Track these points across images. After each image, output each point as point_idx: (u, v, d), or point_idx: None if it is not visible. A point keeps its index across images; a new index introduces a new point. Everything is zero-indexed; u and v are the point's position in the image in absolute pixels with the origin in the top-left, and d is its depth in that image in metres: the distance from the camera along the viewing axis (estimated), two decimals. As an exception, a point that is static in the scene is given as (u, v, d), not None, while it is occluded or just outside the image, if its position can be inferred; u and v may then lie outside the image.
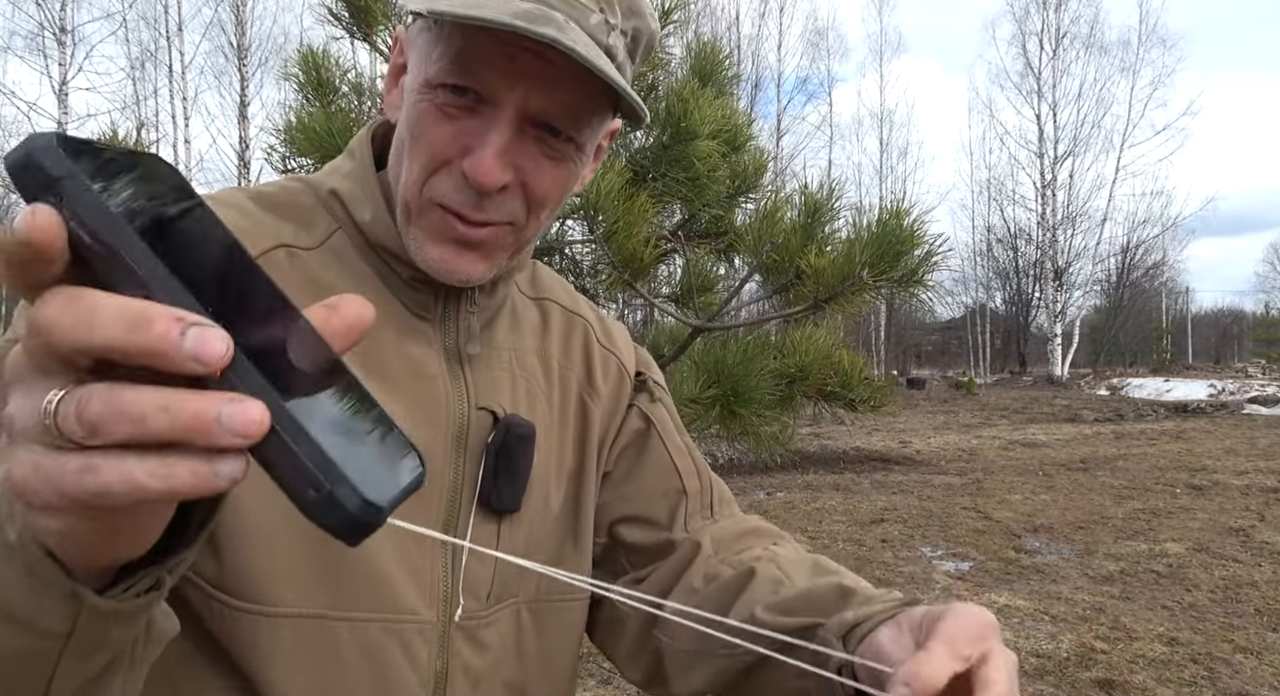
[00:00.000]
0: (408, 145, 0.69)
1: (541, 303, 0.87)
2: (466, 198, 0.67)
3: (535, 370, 0.82)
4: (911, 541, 7.03)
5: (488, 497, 0.74)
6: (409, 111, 0.68)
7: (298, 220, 0.73)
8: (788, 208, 1.78)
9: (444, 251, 0.70)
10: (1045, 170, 31.70)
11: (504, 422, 0.74)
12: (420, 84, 0.67)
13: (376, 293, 0.72)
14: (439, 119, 0.66)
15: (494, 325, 0.80)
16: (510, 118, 0.65)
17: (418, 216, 0.70)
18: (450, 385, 0.74)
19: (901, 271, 1.60)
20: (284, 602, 0.64)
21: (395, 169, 0.71)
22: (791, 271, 1.71)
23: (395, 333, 0.73)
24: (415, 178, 0.68)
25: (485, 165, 0.65)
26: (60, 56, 16.65)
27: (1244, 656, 4.38)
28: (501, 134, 0.65)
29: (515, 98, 0.65)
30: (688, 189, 1.86)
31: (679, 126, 1.76)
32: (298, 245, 0.71)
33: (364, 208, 0.73)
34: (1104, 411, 18.47)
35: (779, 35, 30.14)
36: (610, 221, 1.59)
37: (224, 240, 0.38)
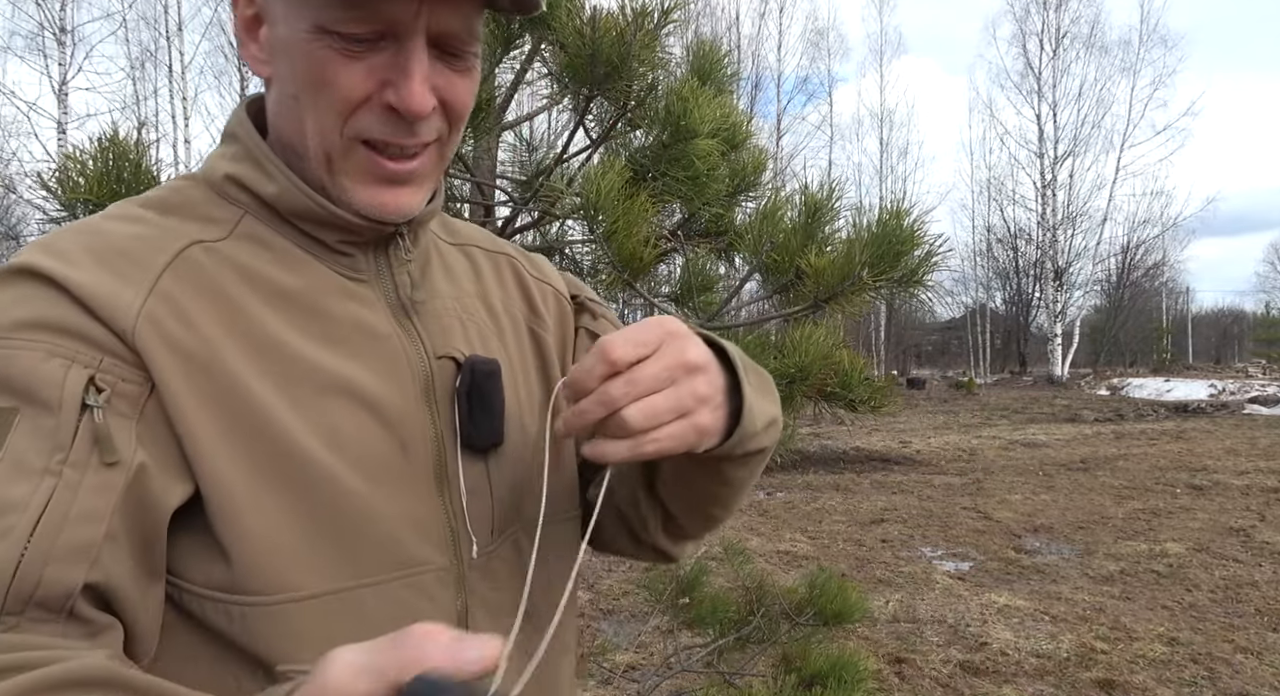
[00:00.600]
0: (309, 95, 0.67)
1: (464, 248, 0.88)
2: (395, 128, 0.68)
3: (480, 313, 0.82)
4: (911, 541, 7.03)
5: (470, 438, 0.74)
6: (302, 61, 0.66)
7: (199, 217, 0.71)
8: (788, 207, 1.78)
9: (374, 192, 0.70)
10: (1045, 170, 31.71)
11: (468, 364, 0.75)
12: (308, 31, 0.65)
13: (305, 265, 0.71)
14: (345, 61, 0.65)
15: (429, 275, 0.80)
16: (421, 44, 0.66)
17: (341, 160, 0.69)
18: (405, 341, 0.74)
19: (902, 272, 1.59)
20: (305, 586, 0.64)
21: (293, 126, 0.69)
22: (791, 271, 1.71)
23: (339, 300, 0.72)
24: (331, 123, 0.67)
25: (416, 94, 0.65)
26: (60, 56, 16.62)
27: (1244, 656, 4.38)
28: (421, 61, 0.66)
29: (420, 24, 0.65)
30: (687, 188, 1.86)
31: (678, 125, 1.76)
32: (208, 239, 0.69)
33: (266, 182, 0.71)
34: (1104, 411, 18.47)
35: (779, 35, 30.15)
36: (610, 221, 1.58)
37: None
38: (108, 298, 0.61)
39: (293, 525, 0.64)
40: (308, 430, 0.65)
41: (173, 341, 0.62)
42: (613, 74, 1.76)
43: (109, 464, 0.58)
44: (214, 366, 0.63)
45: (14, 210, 18.18)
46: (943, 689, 4.04)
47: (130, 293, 0.63)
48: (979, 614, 5.06)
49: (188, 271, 0.66)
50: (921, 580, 5.78)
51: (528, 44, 1.95)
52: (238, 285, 0.67)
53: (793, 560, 6.35)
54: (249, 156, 0.72)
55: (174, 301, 0.64)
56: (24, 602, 0.54)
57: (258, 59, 0.71)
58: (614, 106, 1.89)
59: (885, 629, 4.83)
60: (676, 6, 1.76)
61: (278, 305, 0.69)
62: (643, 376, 0.62)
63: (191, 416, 0.62)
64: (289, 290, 0.70)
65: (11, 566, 0.53)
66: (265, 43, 0.69)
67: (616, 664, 4.17)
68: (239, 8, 0.71)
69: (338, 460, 0.66)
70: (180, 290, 0.65)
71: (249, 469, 0.62)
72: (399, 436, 0.70)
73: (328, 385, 0.67)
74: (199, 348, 0.63)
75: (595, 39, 1.69)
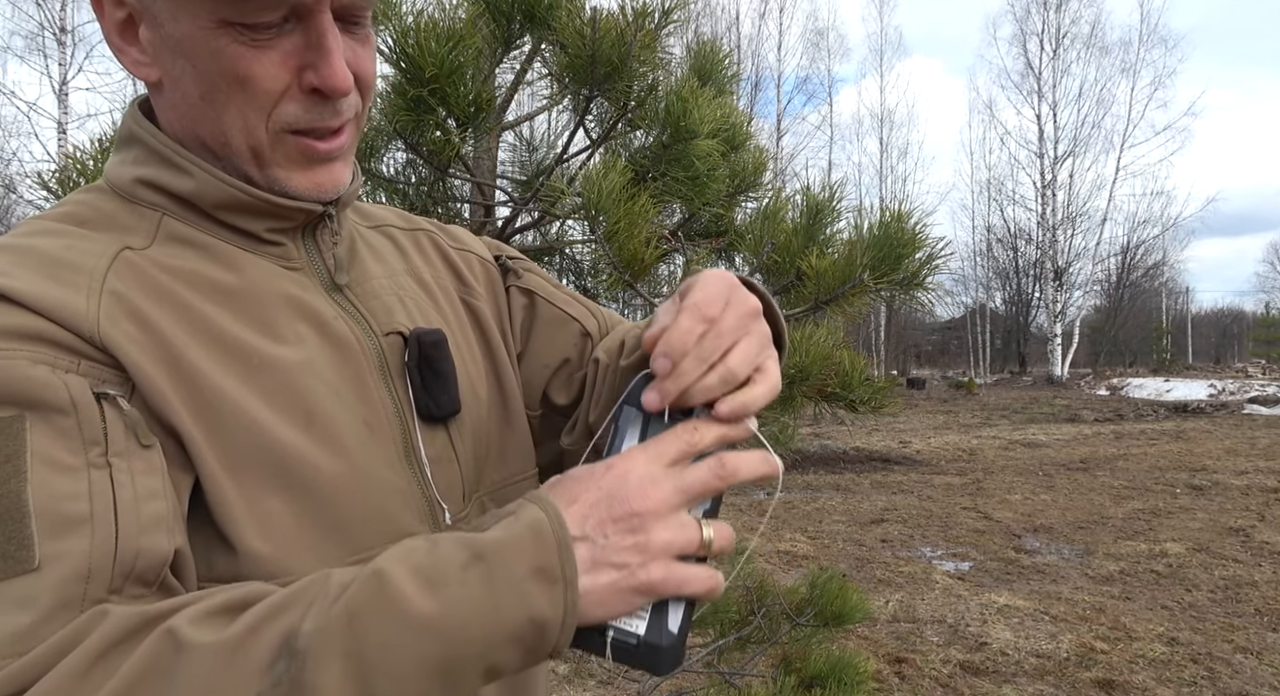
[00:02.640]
0: (224, 93, 0.65)
1: (382, 229, 0.88)
2: (320, 111, 0.67)
3: (414, 289, 0.83)
4: (911, 541, 7.03)
5: (428, 410, 0.75)
6: (209, 59, 0.64)
7: (118, 227, 0.68)
8: (788, 208, 1.78)
9: (311, 176, 0.70)
10: (1045, 170, 31.70)
11: (413, 336, 0.76)
12: (209, 26, 0.62)
13: (237, 259, 0.71)
14: (256, 53, 0.63)
15: (358, 258, 0.80)
16: (330, 20, 0.65)
17: (272, 152, 0.68)
18: (350, 322, 0.74)
19: (903, 274, 1.59)
20: (306, 568, 0.64)
21: (206, 126, 0.67)
22: (792, 273, 1.71)
23: (278, 290, 0.71)
24: (255, 119, 0.66)
25: (339, 73, 0.65)
26: (60, 56, 16.63)
27: (1244, 656, 4.38)
28: (336, 38, 0.66)
29: (323, 2, 0.64)
30: (688, 188, 1.86)
31: (679, 126, 1.76)
32: (135, 247, 0.67)
33: (182, 178, 0.69)
34: (1104, 411, 18.47)
35: (779, 35, 30.14)
36: (611, 222, 1.58)
37: None
38: (61, 305, 0.60)
39: (283, 511, 0.64)
40: (279, 418, 0.65)
41: (136, 340, 0.62)
42: (613, 74, 1.76)
43: (146, 446, 0.59)
44: (179, 363, 0.63)
45: (14, 210, 18.19)
46: (943, 689, 4.04)
47: (80, 298, 0.61)
48: (979, 614, 5.06)
49: (129, 273, 0.65)
50: (921, 580, 5.78)
51: (528, 44, 1.95)
52: (180, 287, 0.67)
53: (793, 560, 6.35)
54: (155, 156, 0.70)
55: (126, 301, 0.63)
56: (125, 578, 0.55)
57: (140, 63, 0.68)
58: (614, 107, 1.89)
59: (885, 629, 4.83)
60: (676, 6, 1.76)
61: (220, 302, 0.68)
62: (727, 328, 0.63)
63: (178, 409, 0.62)
64: (227, 287, 0.69)
65: (111, 543, 0.54)
66: (148, 44, 0.67)
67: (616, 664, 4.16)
68: (105, 11, 0.67)
69: (313, 443, 0.66)
70: (128, 290, 0.63)
71: (231, 461, 0.63)
72: (362, 415, 0.71)
73: (287, 374, 0.68)
74: (160, 345, 0.63)
75: (595, 39, 1.69)
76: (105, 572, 0.54)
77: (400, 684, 0.52)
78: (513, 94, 2.06)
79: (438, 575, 0.53)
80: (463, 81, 1.72)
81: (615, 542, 0.57)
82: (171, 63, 0.66)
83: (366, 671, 0.51)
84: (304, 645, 0.51)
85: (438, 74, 1.67)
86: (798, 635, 2.43)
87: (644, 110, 1.88)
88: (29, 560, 0.52)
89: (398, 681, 0.52)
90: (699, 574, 0.59)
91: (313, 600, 0.53)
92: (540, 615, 0.54)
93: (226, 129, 0.66)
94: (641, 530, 0.57)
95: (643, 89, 1.84)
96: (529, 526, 0.56)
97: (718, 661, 2.49)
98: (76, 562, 0.53)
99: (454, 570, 0.54)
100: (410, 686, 0.52)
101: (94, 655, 0.50)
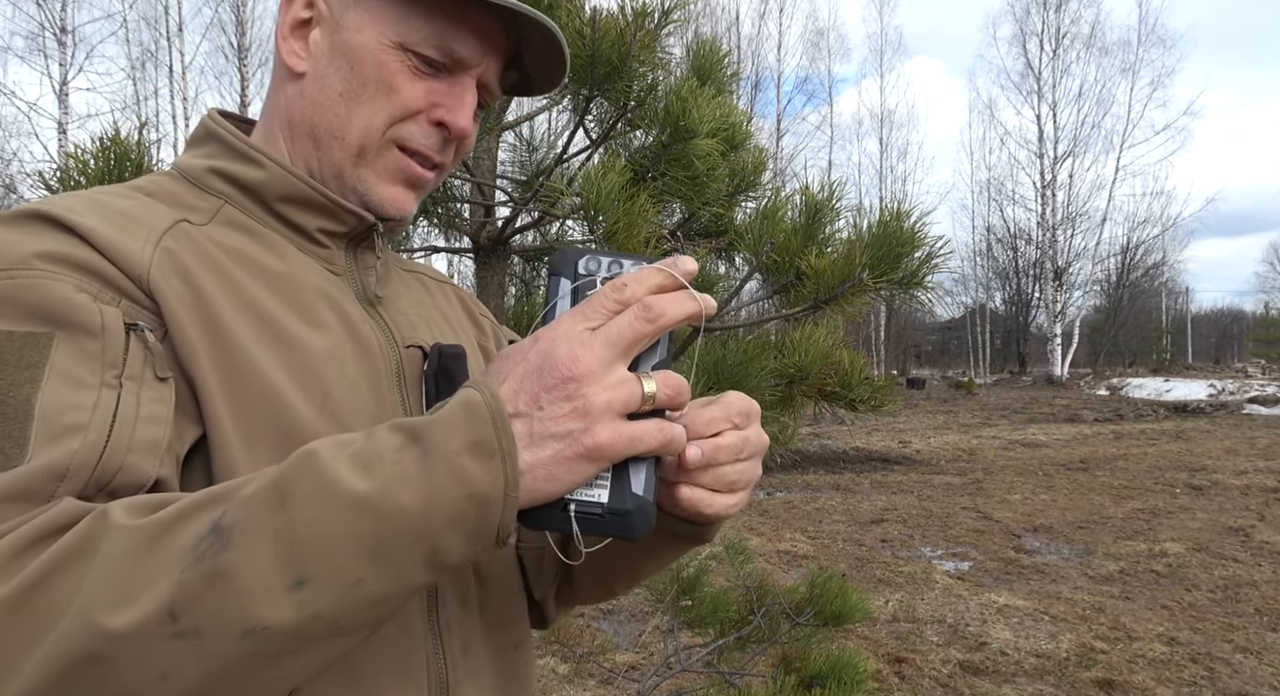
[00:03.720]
0: (368, 94, 0.74)
1: (415, 275, 0.94)
2: (433, 142, 0.77)
3: (439, 320, 0.88)
4: (911, 541, 7.03)
5: None
6: (373, 67, 0.74)
7: (179, 204, 0.73)
8: (788, 208, 1.78)
9: (394, 190, 0.78)
10: (1045, 170, 31.71)
11: (435, 348, 0.79)
12: (390, 44, 0.74)
13: (285, 251, 0.75)
14: (411, 77, 0.75)
15: (390, 283, 0.86)
16: (473, 84, 0.78)
17: (375, 157, 0.76)
18: (375, 328, 0.78)
19: (902, 273, 1.59)
20: None
21: (327, 117, 0.75)
22: (792, 272, 1.71)
23: (318, 285, 0.75)
24: (379, 123, 0.75)
25: (465, 119, 0.77)
26: (60, 56, 16.63)
27: (1244, 656, 4.38)
28: (474, 95, 0.78)
29: (479, 70, 0.77)
30: (687, 188, 1.86)
31: (678, 125, 1.76)
32: (192, 221, 0.72)
33: (253, 169, 0.76)
34: (1104, 411, 18.46)
35: (779, 35, 30.13)
36: (611, 222, 1.58)
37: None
38: (120, 246, 0.64)
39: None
40: (299, 392, 0.67)
41: (179, 292, 0.65)
42: (613, 74, 1.76)
43: (161, 378, 0.61)
44: (215, 321, 0.65)
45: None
46: (943, 689, 4.04)
47: (138, 245, 0.65)
48: (979, 613, 5.06)
49: (184, 239, 0.69)
50: (921, 580, 5.78)
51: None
52: (226, 260, 0.71)
53: (793, 560, 6.35)
54: (231, 151, 0.77)
55: (177, 258, 0.67)
56: (100, 488, 0.55)
57: (297, 55, 0.77)
58: (614, 107, 1.89)
59: (885, 629, 4.83)
60: (676, 6, 1.76)
61: (262, 282, 0.71)
62: (753, 436, 0.69)
63: (203, 363, 0.64)
64: (271, 269, 0.73)
65: (98, 451, 0.55)
66: (314, 44, 0.76)
67: (617, 664, 4.17)
68: (292, 9, 0.78)
69: (325, 422, 0.67)
70: (180, 249, 0.68)
71: (243, 420, 0.64)
72: (374, 413, 0.72)
73: (313, 356, 0.70)
74: (200, 303, 0.66)
75: (595, 39, 1.69)
76: (81, 476, 0.54)
77: (334, 565, 0.50)
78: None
79: (372, 457, 0.52)
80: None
81: (552, 412, 0.55)
82: (328, 62, 0.76)
83: (297, 551, 0.49)
84: (230, 521, 0.50)
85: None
86: (798, 635, 2.43)
87: (644, 110, 1.88)
88: (20, 458, 0.53)
89: (331, 563, 0.50)
90: (648, 428, 0.57)
91: (244, 486, 0.53)
92: (479, 490, 0.52)
93: (350, 124, 0.75)
94: (578, 395, 0.55)
95: (642, 89, 1.84)
96: (462, 403, 0.55)
97: (718, 661, 2.49)
98: (57, 460, 0.53)
99: (389, 452, 0.53)
100: (346, 569, 0.50)
101: (33, 537, 0.50)
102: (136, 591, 0.48)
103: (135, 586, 0.48)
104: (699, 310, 0.58)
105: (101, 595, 0.48)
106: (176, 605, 0.48)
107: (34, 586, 0.48)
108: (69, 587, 0.48)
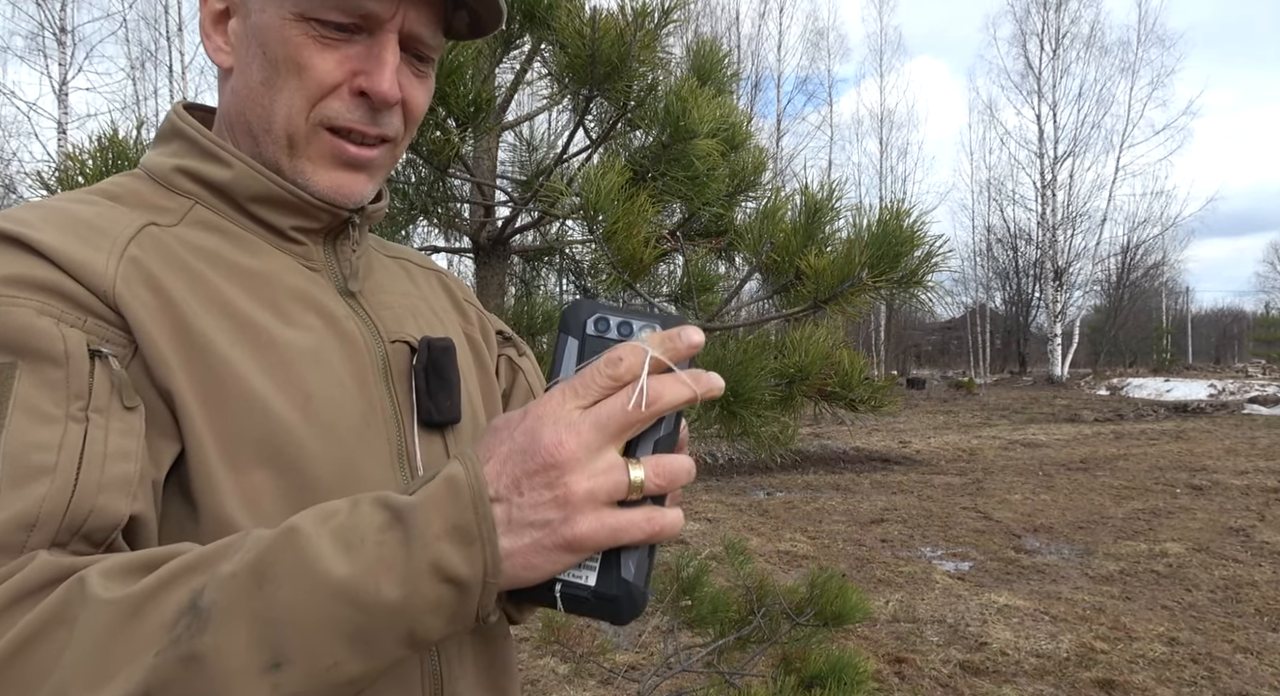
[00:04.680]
0: (281, 77, 0.70)
1: (398, 260, 0.91)
2: (361, 115, 0.72)
3: (425, 310, 0.85)
4: (911, 541, 7.03)
5: (428, 415, 0.75)
6: (279, 45, 0.69)
7: (147, 206, 0.71)
8: (788, 207, 1.78)
9: (334, 176, 0.73)
10: (1045, 170, 31.70)
11: (424, 341, 0.77)
12: (289, 16, 0.69)
13: (259, 249, 0.73)
14: (320, 48, 0.69)
15: (373, 273, 0.83)
16: (394, 39, 0.71)
17: (305, 145, 0.72)
18: (359, 324, 0.76)
19: (902, 272, 1.59)
20: None
21: (256, 110, 0.72)
22: (791, 272, 1.70)
23: (295, 283, 0.73)
24: (299, 106, 0.70)
25: (388, 81, 0.70)
26: (60, 56, 16.61)
27: (1244, 656, 4.38)
28: (394, 54, 0.71)
29: (395, 23, 0.70)
30: (687, 188, 1.86)
31: (678, 125, 1.76)
32: (161, 223, 0.70)
33: (221, 169, 0.73)
34: (1104, 411, 18.46)
35: (779, 35, 30.13)
36: (610, 222, 1.58)
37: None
38: (82, 261, 0.62)
39: (268, 485, 0.64)
40: (279, 394, 0.66)
41: (148, 304, 0.63)
42: (613, 74, 1.76)
43: (129, 408, 0.59)
44: (188, 328, 0.64)
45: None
46: (943, 689, 4.04)
47: (102, 257, 0.63)
48: (979, 614, 5.06)
49: (151, 244, 0.67)
50: (921, 580, 5.78)
51: (527, 44, 1.95)
52: (199, 263, 0.69)
53: (793, 560, 6.34)
54: (197, 148, 0.74)
55: (144, 267, 0.65)
56: (73, 533, 0.54)
57: (221, 50, 0.74)
58: (614, 106, 1.89)
59: (885, 629, 4.83)
60: (676, 6, 1.76)
61: (237, 282, 0.70)
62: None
63: (178, 375, 0.62)
64: (246, 269, 0.71)
65: (66, 496, 0.54)
66: (233, 34, 0.73)
67: (617, 664, 4.16)
68: (209, 2, 0.74)
69: (308, 425, 0.66)
70: (148, 258, 0.66)
71: (223, 429, 0.63)
72: (360, 410, 0.71)
73: (293, 356, 0.68)
74: (171, 312, 0.64)
75: (595, 39, 1.69)
76: (51, 525, 0.53)
77: (311, 649, 0.49)
78: (512, 94, 2.06)
79: (355, 536, 0.51)
80: (462, 81, 1.72)
81: (532, 499, 0.53)
82: (246, 50, 0.72)
83: (274, 633, 0.49)
84: (208, 602, 0.49)
85: (437, 73, 1.67)
86: (798, 635, 2.43)
87: (644, 110, 1.87)
88: None
89: (308, 646, 0.49)
90: (634, 519, 0.53)
91: (226, 558, 0.51)
92: (458, 575, 0.51)
93: (273, 113, 0.71)
94: (559, 483, 0.52)
95: (642, 89, 1.84)
96: (446, 480, 0.53)
97: (718, 661, 2.49)
98: (26, 509, 0.52)
99: (372, 531, 0.51)
100: (322, 652, 0.49)
101: (8, 599, 0.49)
102: (114, 670, 0.48)
103: (112, 665, 0.48)
104: (695, 396, 0.55)
105: (79, 672, 0.48)
106: (152, 688, 0.48)
107: (13, 654, 0.48)
108: (48, 656, 0.48)
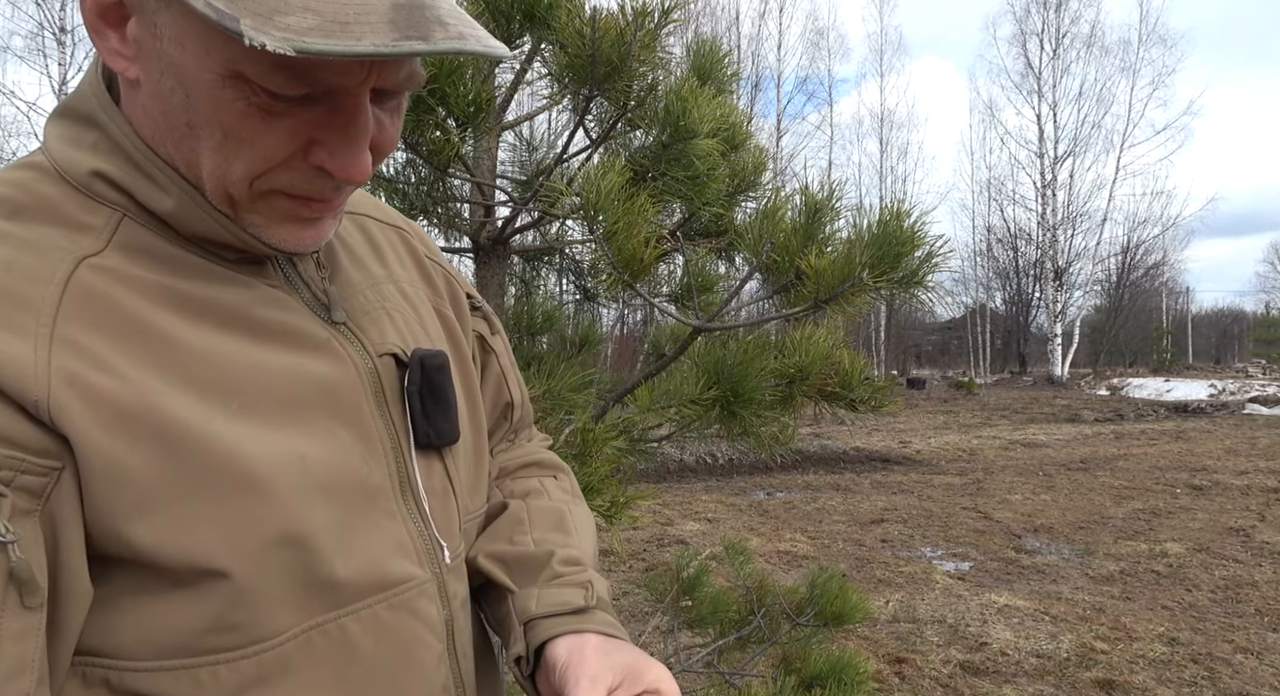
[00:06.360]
0: (213, 140, 0.55)
1: (356, 218, 0.79)
2: (322, 186, 0.59)
3: (398, 299, 0.76)
4: (911, 541, 7.03)
5: (426, 438, 0.70)
6: (207, 104, 0.54)
7: (62, 222, 0.57)
8: (788, 207, 1.78)
9: (291, 230, 0.61)
10: (1045, 170, 31.69)
11: (416, 359, 0.70)
12: (219, 72, 0.52)
13: (209, 274, 0.62)
14: (264, 118, 0.54)
15: (338, 268, 0.72)
16: (366, 105, 0.57)
17: (251, 204, 0.59)
18: (344, 342, 0.67)
19: (902, 273, 1.59)
20: (283, 627, 0.60)
21: (182, 153, 0.57)
22: (792, 272, 1.70)
23: (262, 308, 0.63)
24: (240, 175, 0.57)
25: (359, 163, 0.57)
26: (60, 56, 16.62)
27: (1244, 656, 4.38)
28: (367, 124, 0.57)
29: (367, 85, 0.56)
30: (687, 188, 1.86)
31: (678, 125, 1.76)
32: (90, 254, 0.56)
33: (159, 197, 0.59)
34: (1104, 411, 18.46)
35: (779, 35, 30.13)
36: (610, 221, 1.58)
37: None
38: (2, 364, 0.50)
39: (266, 570, 0.58)
40: (274, 462, 0.59)
41: (98, 398, 0.52)
42: (613, 74, 1.76)
43: (28, 608, 0.50)
44: (152, 415, 0.54)
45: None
46: (943, 689, 4.03)
47: (27, 349, 0.51)
48: (979, 614, 5.06)
49: (87, 305, 0.54)
50: (921, 580, 5.78)
51: (527, 44, 1.95)
52: (148, 308, 0.57)
53: (793, 560, 6.34)
54: (125, 158, 0.59)
55: (83, 348, 0.53)
56: None
57: (120, 54, 0.56)
58: (614, 106, 1.89)
59: (885, 629, 4.83)
60: (676, 6, 1.76)
61: (194, 320, 0.59)
62: None
63: (139, 476, 0.53)
64: (201, 301, 0.60)
65: None
66: (133, 40, 0.55)
67: (616, 664, 4.16)
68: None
69: (308, 491, 0.60)
70: (85, 333, 0.53)
71: (216, 519, 0.56)
72: (359, 452, 0.65)
73: (276, 409, 0.61)
74: (130, 397, 0.54)
75: (595, 39, 1.69)
76: None
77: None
78: (512, 94, 2.06)
79: None
80: (462, 81, 1.72)
81: None
82: (160, 76, 0.55)
83: None
84: None
85: (437, 73, 1.67)
86: (798, 635, 2.43)
87: (644, 110, 1.87)
88: None
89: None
90: None
91: None
92: None
93: (201, 165, 0.57)
94: None
95: (642, 88, 1.84)
96: None
97: (718, 661, 2.49)
98: None
99: None
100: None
101: None
102: None
103: None
104: None
105: None
106: None
107: None
108: None
